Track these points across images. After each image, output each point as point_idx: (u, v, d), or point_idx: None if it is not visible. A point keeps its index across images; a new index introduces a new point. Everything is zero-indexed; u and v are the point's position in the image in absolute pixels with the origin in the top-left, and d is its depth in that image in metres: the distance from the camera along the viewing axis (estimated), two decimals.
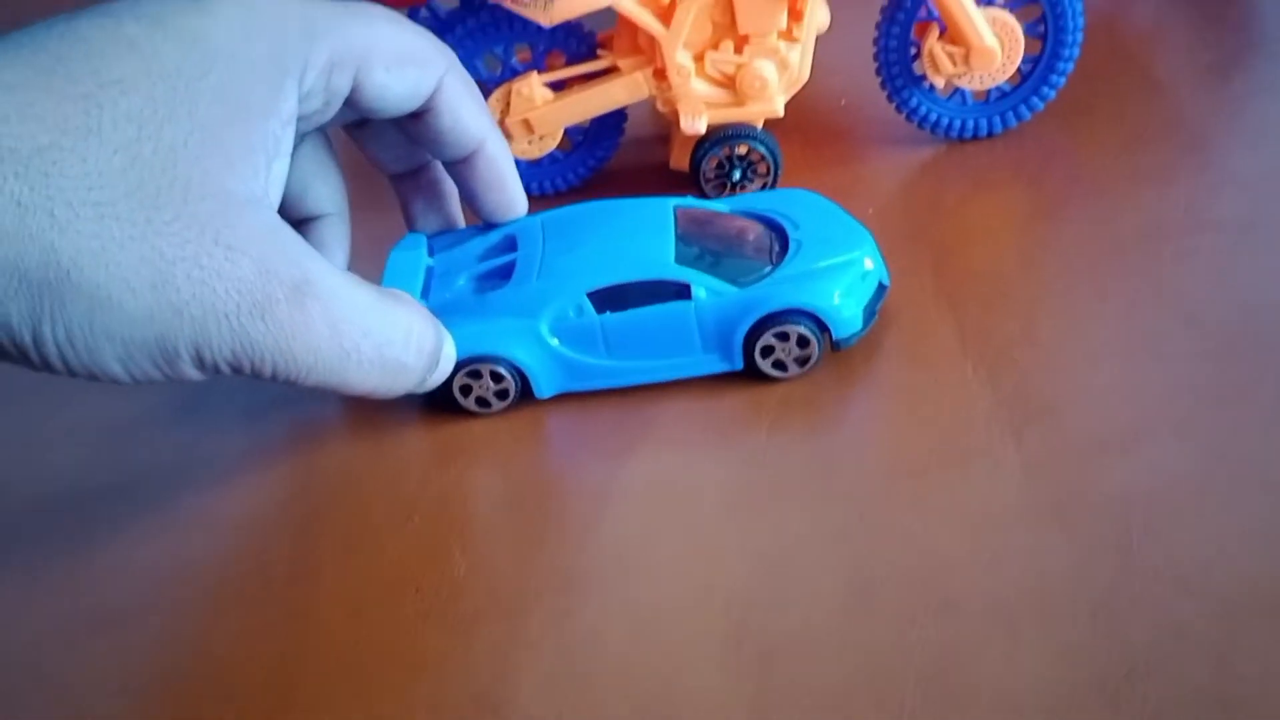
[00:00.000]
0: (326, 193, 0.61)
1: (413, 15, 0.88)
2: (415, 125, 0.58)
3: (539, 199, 0.76)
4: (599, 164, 0.77)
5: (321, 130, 0.59)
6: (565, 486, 0.57)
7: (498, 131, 0.61)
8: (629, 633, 0.50)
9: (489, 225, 0.64)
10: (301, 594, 0.54)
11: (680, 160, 0.75)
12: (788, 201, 0.65)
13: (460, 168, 0.61)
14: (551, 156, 0.75)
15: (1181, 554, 0.50)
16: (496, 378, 0.60)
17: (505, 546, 0.55)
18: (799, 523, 0.53)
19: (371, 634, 0.51)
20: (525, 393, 0.61)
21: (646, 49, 0.72)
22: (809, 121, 0.79)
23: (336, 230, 0.61)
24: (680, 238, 0.60)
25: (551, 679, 0.48)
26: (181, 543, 0.57)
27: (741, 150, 0.72)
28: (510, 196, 0.62)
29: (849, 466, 0.56)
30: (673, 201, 0.63)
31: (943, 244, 0.68)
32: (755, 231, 0.62)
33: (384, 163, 0.64)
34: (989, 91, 0.75)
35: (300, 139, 0.58)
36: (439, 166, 0.64)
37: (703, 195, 0.72)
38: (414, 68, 0.55)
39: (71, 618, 0.54)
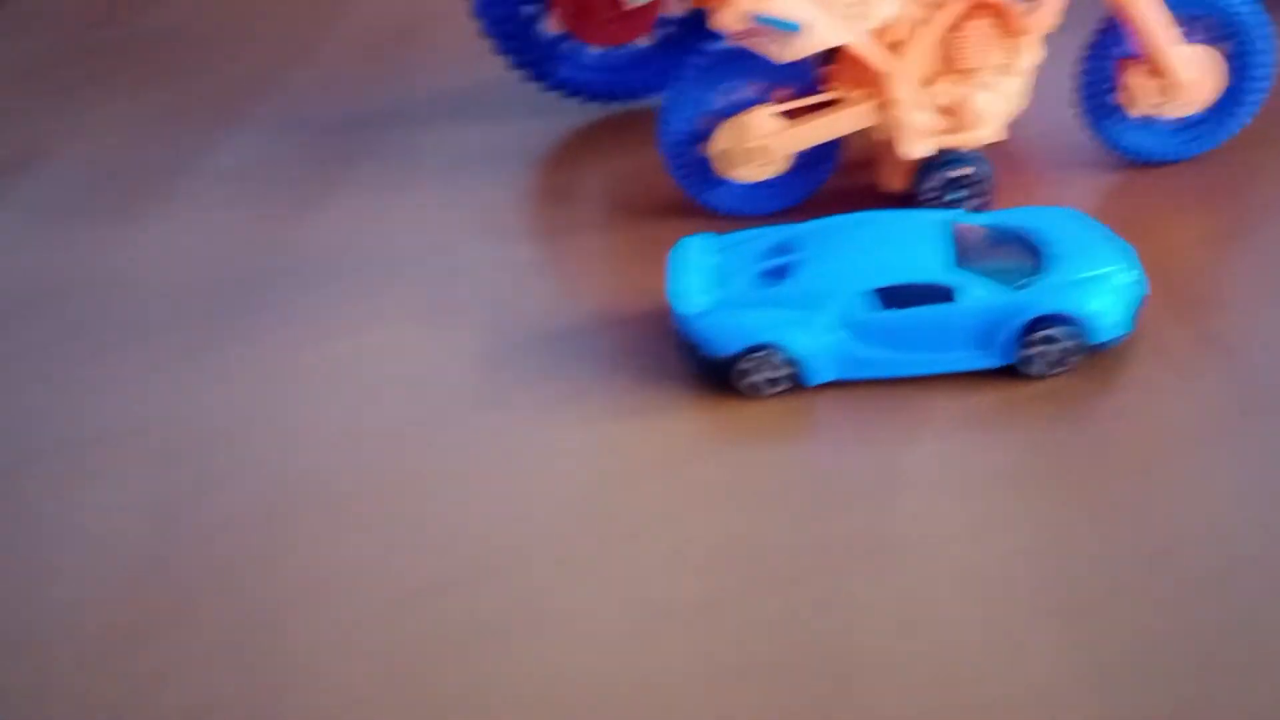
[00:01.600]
0: None
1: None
2: None
3: (763, 219, 0.82)
4: (817, 185, 0.83)
5: None
6: (838, 470, 0.63)
7: None
8: (897, 621, 0.55)
9: (765, 230, 0.72)
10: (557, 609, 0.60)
11: (892, 182, 0.82)
12: (1046, 217, 0.71)
13: None
14: (774, 179, 0.82)
15: None
16: (774, 365, 0.67)
17: (786, 518, 0.60)
18: (1074, 504, 0.59)
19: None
20: (796, 382, 0.67)
21: (872, 82, 0.78)
22: (1010, 144, 0.85)
23: None
24: (955, 245, 0.67)
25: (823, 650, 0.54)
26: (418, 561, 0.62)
27: (960, 173, 0.78)
28: None
29: (1110, 451, 0.62)
30: (942, 214, 0.70)
31: (1152, 256, 0.74)
32: (1020, 243, 0.69)
33: None
34: (1184, 118, 0.81)
35: None
36: None
37: None
38: None
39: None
